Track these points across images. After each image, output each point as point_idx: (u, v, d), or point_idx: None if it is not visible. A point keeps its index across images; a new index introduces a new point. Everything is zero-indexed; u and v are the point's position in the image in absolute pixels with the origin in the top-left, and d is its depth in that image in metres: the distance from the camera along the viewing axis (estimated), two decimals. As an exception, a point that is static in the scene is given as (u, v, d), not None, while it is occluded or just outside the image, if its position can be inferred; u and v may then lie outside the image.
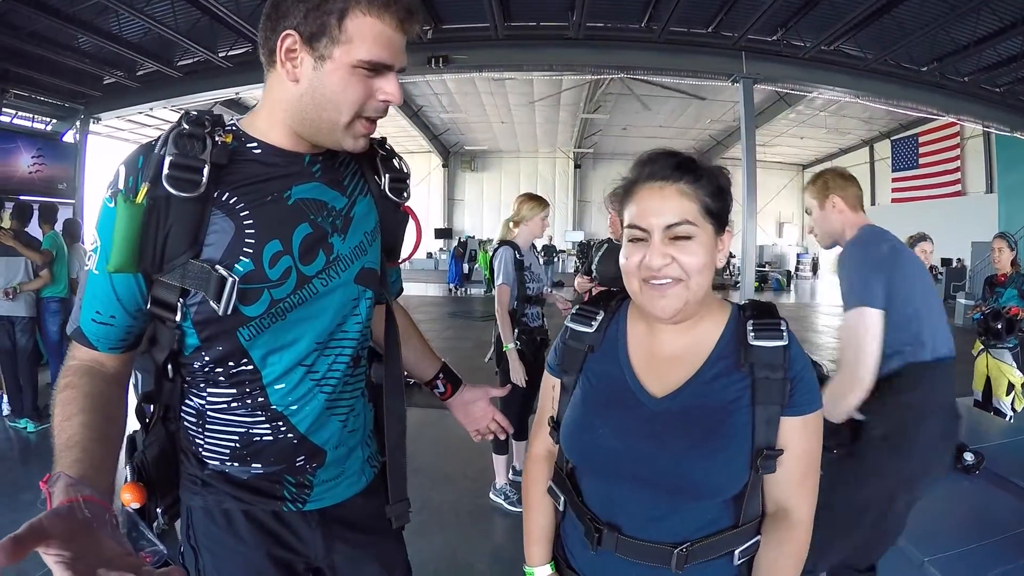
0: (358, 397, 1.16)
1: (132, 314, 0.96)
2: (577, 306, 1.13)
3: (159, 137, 0.94)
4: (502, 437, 1.47)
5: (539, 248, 3.69)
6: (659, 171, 0.96)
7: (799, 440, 0.96)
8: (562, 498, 1.09)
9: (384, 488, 1.22)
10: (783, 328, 0.97)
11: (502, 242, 3.36)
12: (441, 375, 1.41)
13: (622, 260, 0.99)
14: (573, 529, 1.07)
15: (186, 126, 0.93)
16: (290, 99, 0.97)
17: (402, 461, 1.24)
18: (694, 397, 0.96)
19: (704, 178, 0.96)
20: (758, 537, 0.99)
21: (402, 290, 1.37)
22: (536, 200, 3.40)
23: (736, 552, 0.97)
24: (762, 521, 1.00)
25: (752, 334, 0.96)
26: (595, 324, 1.08)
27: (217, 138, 0.95)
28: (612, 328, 1.08)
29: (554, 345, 1.14)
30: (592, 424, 1.00)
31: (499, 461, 3.41)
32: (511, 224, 3.41)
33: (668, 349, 1.02)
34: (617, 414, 0.99)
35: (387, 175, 1.14)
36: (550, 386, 1.14)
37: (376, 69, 0.95)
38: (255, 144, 1.00)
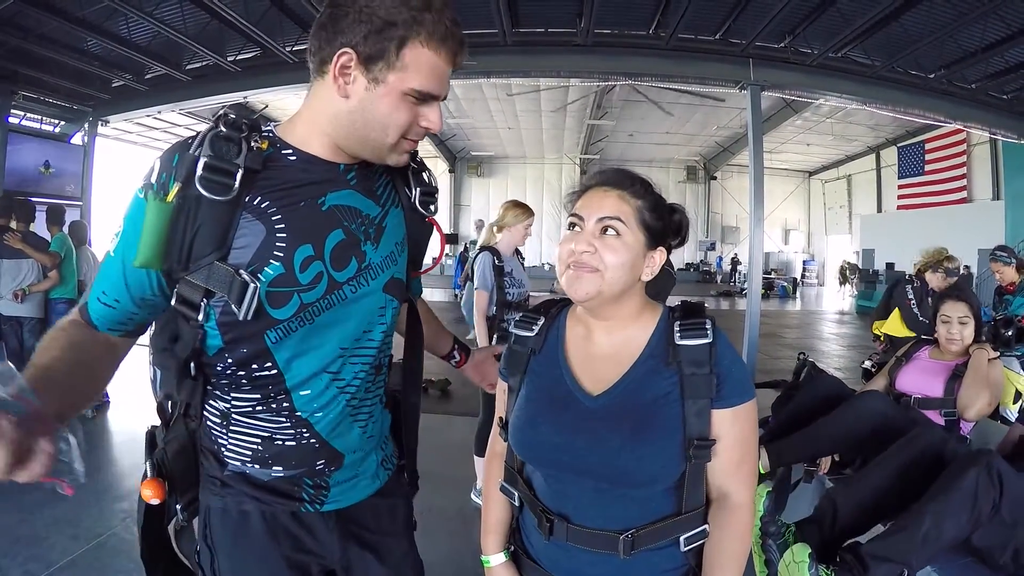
0: (377, 404, 1.19)
1: (135, 302, 0.97)
2: (521, 313, 1.22)
3: (196, 136, 0.94)
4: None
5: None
6: (608, 179, 1.08)
7: (731, 430, 1.02)
8: (516, 493, 1.16)
9: (396, 490, 1.26)
10: (708, 327, 1.04)
11: (483, 247, 3.37)
12: (456, 346, 1.58)
13: (559, 249, 1.09)
14: (529, 521, 1.14)
15: (223, 129, 0.94)
16: (337, 113, 0.98)
17: (415, 446, 1.32)
18: (625, 394, 1.04)
19: (649, 195, 1.07)
20: (704, 526, 1.05)
21: (421, 292, 1.45)
22: (521, 208, 3.43)
23: (682, 538, 1.03)
24: (707, 510, 1.07)
25: (678, 334, 1.04)
26: (536, 328, 1.16)
27: (253, 143, 0.96)
28: (553, 332, 1.16)
29: (503, 351, 1.22)
30: (535, 422, 1.08)
31: (480, 463, 3.40)
32: (494, 229, 3.43)
33: (602, 349, 1.10)
34: (557, 412, 1.07)
35: (417, 188, 1.17)
36: (502, 389, 1.22)
37: (424, 98, 0.98)
38: (291, 151, 1.01)
